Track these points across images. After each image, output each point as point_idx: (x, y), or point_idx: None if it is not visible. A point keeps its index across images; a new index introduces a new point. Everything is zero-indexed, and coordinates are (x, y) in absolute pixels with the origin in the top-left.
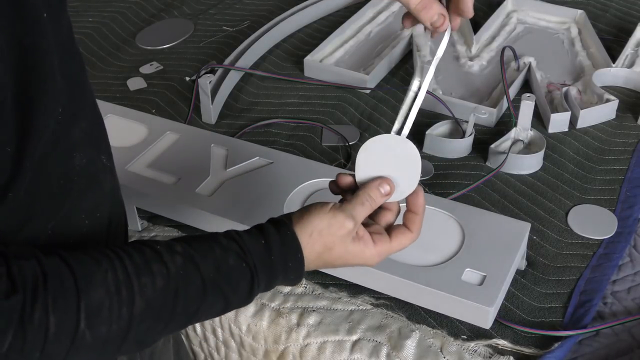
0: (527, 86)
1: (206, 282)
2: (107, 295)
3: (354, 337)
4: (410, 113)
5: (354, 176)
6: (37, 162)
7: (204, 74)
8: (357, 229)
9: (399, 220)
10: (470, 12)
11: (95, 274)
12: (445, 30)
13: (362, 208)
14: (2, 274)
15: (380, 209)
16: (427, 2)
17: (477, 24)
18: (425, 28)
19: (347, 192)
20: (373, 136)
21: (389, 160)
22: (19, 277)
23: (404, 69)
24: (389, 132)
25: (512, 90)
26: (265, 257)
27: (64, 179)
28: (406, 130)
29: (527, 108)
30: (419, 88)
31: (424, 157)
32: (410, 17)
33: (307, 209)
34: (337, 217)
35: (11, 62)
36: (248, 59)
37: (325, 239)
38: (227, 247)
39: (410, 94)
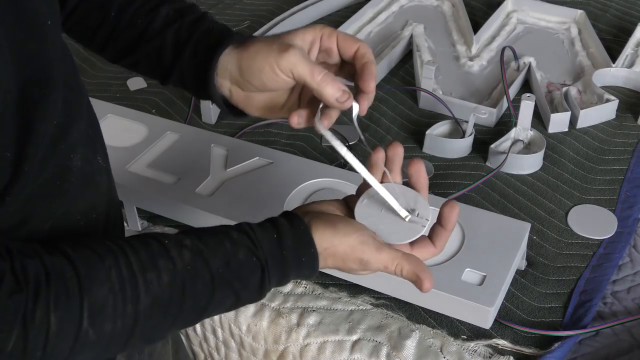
0: (527, 86)
1: (215, 278)
2: (111, 293)
3: (354, 337)
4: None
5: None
6: (36, 165)
7: None
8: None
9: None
10: (370, 89)
11: (99, 272)
12: (352, 108)
13: (388, 259)
14: (6, 272)
15: None
16: (330, 78)
17: (477, 24)
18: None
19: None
20: (373, 136)
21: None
22: (22, 275)
23: (404, 69)
24: (389, 132)
25: (512, 90)
26: (277, 251)
27: (61, 180)
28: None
29: (527, 108)
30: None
31: (424, 157)
32: (326, 117)
33: (332, 223)
34: (356, 250)
35: (15, 68)
36: None
37: (338, 259)
38: (238, 241)
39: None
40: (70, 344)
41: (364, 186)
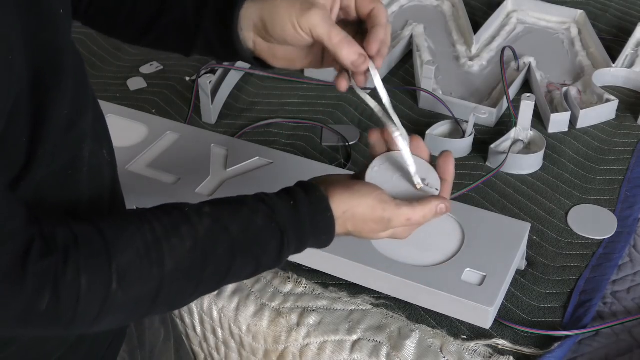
0: (527, 86)
1: (235, 243)
2: (137, 256)
3: (354, 337)
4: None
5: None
6: (49, 150)
7: (204, 74)
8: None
9: None
10: (372, 52)
11: (125, 237)
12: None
13: (409, 211)
14: (35, 236)
15: None
16: (349, 40)
17: (477, 24)
18: (345, 72)
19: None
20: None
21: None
22: (51, 239)
23: (404, 69)
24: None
25: (512, 90)
26: (295, 216)
27: (72, 170)
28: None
29: (527, 108)
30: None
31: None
32: (343, 77)
33: (349, 186)
34: (376, 209)
35: (27, 56)
36: None
37: (358, 221)
38: (256, 208)
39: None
40: (99, 305)
41: (373, 152)
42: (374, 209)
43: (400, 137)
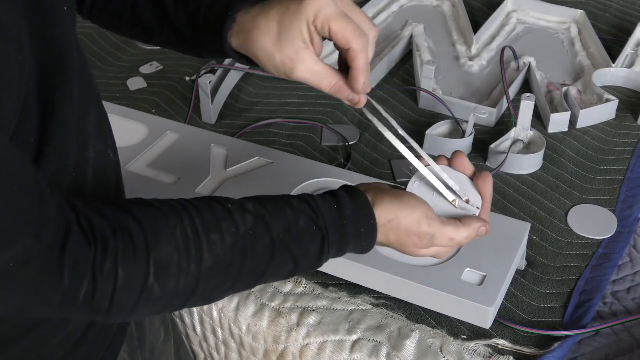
0: (527, 86)
1: (275, 243)
2: (176, 251)
3: (354, 337)
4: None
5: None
6: (57, 151)
7: (204, 74)
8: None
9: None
10: (360, 88)
11: (165, 231)
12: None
13: (454, 230)
14: (73, 225)
15: None
16: (338, 88)
17: (477, 24)
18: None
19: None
20: (373, 136)
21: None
22: (89, 229)
23: (404, 69)
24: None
25: (512, 90)
26: (338, 220)
27: (77, 172)
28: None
29: (527, 108)
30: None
31: None
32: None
33: (398, 196)
34: (422, 224)
35: (34, 53)
36: None
37: (402, 233)
38: (299, 209)
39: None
40: (136, 297)
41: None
42: (420, 223)
43: (423, 167)
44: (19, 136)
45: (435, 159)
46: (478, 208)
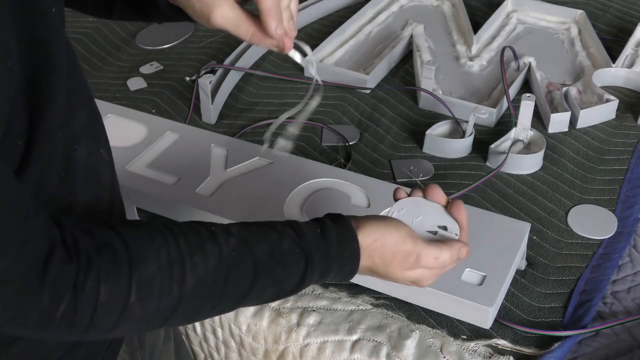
0: (527, 86)
1: (258, 265)
2: (159, 271)
3: (354, 337)
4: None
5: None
6: (44, 153)
7: (204, 74)
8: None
9: None
10: (272, 32)
11: (149, 250)
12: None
13: (437, 250)
14: (57, 242)
15: None
16: (256, 34)
17: (477, 24)
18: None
19: None
20: (373, 136)
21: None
22: (73, 246)
23: (404, 69)
24: (389, 132)
25: (512, 90)
26: (321, 244)
27: (66, 172)
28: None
29: (527, 108)
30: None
31: (424, 157)
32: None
33: (382, 218)
34: (407, 242)
35: (21, 56)
36: (248, 59)
37: (387, 252)
38: (283, 232)
39: None
40: (116, 315)
41: (396, 196)
42: (405, 241)
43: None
44: (7, 140)
45: (411, 191)
46: (456, 234)
